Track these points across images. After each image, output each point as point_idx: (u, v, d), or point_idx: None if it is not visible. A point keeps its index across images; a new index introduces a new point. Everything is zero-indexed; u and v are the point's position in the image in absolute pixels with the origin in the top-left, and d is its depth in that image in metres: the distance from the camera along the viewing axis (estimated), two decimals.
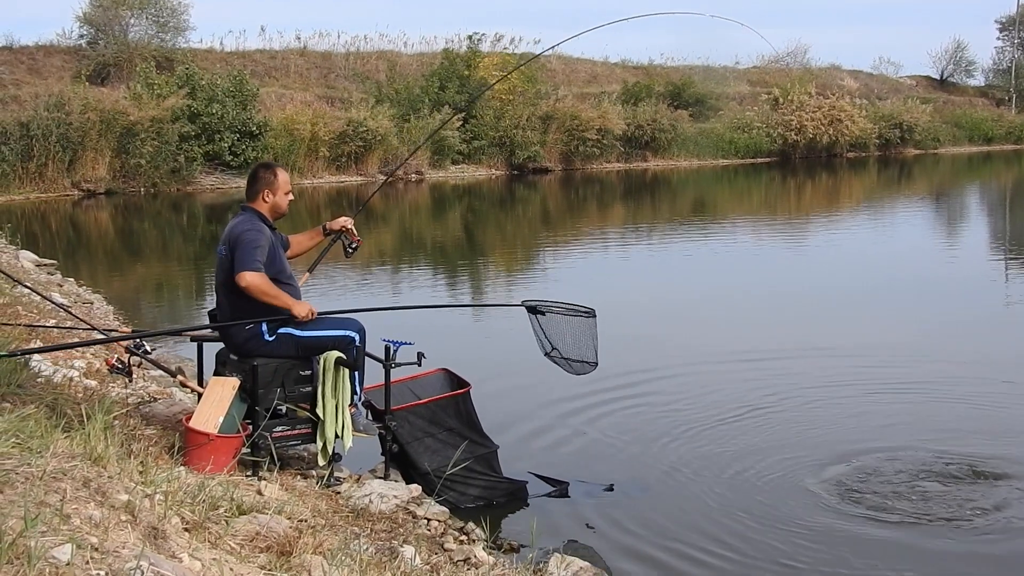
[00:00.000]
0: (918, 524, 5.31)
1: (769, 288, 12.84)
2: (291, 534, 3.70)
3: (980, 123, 46.05)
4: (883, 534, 5.24)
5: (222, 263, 5.20)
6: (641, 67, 43.57)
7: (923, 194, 28.86)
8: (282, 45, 35.94)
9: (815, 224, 21.41)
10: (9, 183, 23.41)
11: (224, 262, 5.17)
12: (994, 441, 6.57)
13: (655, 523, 5.43)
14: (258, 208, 5.28)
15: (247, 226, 5.16)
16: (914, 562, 4.95)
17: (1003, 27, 54.39)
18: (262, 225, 5.21)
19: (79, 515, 2.93)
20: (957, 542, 5.14)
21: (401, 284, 13.76)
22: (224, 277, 5.17)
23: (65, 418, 4.08)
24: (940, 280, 13.52)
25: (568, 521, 5.44)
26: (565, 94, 34.72)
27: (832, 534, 5.25)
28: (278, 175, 5.34)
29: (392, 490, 5.19)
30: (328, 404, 5.20)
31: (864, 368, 8.49)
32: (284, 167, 5.54)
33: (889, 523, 5.34)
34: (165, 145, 25.04)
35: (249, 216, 5.25)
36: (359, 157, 28.69)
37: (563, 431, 6.93)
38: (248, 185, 5.38)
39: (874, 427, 6.88)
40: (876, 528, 5.31)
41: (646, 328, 10.27)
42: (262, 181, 5.31)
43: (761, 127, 37.35)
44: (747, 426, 6.96)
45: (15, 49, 31.20)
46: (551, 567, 4.51)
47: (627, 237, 19.25)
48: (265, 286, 5.05)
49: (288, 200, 5.38)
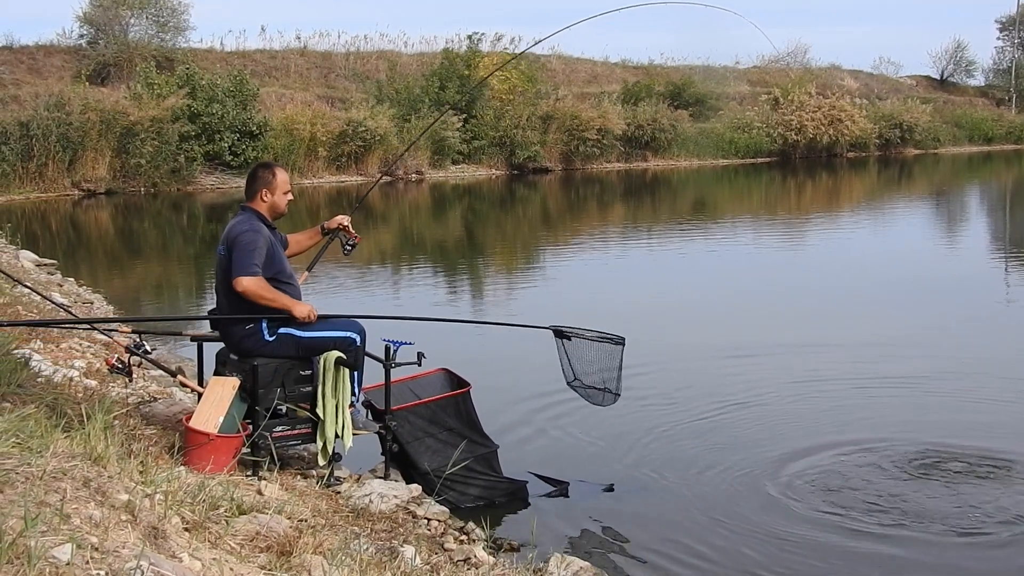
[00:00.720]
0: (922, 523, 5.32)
1: (766, 288, 12.84)
2: (291, 534, 3.70)
3: (980, 123, 46.04)
4: (887, 533, 5.24)
5: (221, 263, 5.20)
6: (641, 67, 43.57)
7: (923, 194, 28.87)
8: (282, 45, 36.00)
9: (814, 224, 21.40)
10: (9, 183, 23.41)
11: (223, 262, 5.17)
12: (979, 437, 6.59)
13: (655, 523, 5.43)
14: (256, 207, 5.28)
15: (244, 227, 5.15)
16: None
17: (1003, 27, 54.41)
18: (260, 225, 5.20)
19: (79, 515, 2.93)
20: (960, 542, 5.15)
21: (402, 285, 13.76)
22: (223, 277, 5.17)
23: (65, 418, 4.07)
24: (938, 280, 13.52)
25: (568, 521, 5.44)
26: (565, 94, 34.72)
27: (833, 532, 5.25)
28: (276, 174, 5.34)
29: (392, 490, 5.19)
30: (328, 404, 5.20)
31: (870, 364, 8.52)
32: (283, 167, 5.54)
33: (888, 524, 5.34)
34: (165, 145, 25.04)
35: (247, 216, 5.24)
36: (359, 157, 28.69)
37: (563, 431, 6.92)
38: (247, 184, 5.38)
39: (891, 422, 6.89)
40: (878, 527, 5.31)
41: (646, 327, 10.26)
42: (260, 180, 5.31)
43: (761, 127, 37.35)
44: (749, 426, 6.96)
45: (15, 49, 31.22)
46: (551, 567, 4.51)
47: (627, 237, 19.24)
48: (262, 290, 5.05)
49: (287, 200, 5.38)
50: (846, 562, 4.97)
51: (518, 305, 11.91)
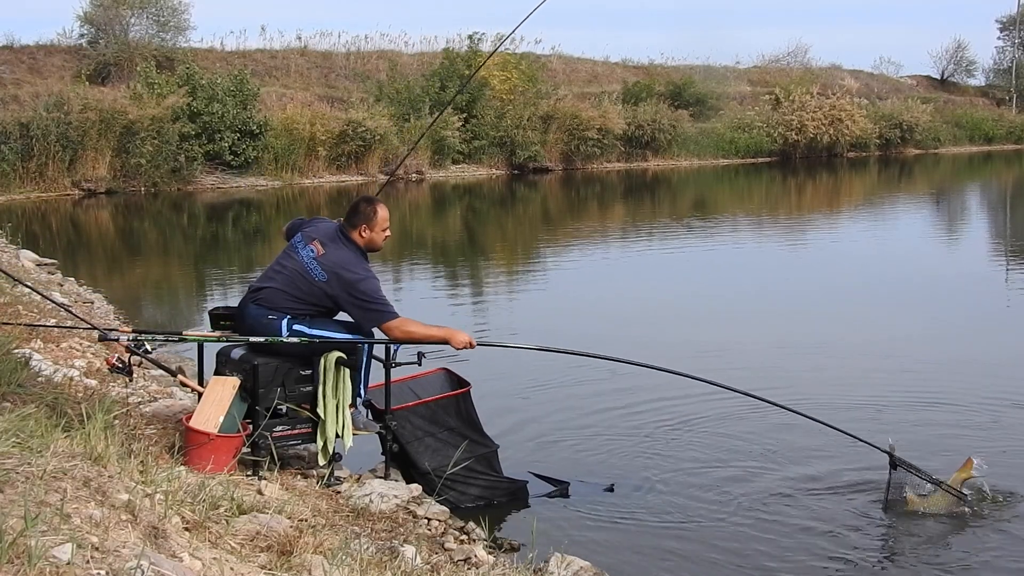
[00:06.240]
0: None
1: (767, 288, 12.84)
2: (291, 533, 3.70)
3: (981, 123, 46.00)
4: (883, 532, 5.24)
5: (311, 279, 5.18)
6: (641, 67, 43.54)
7: (923, 193, 28.86)
8: (283, 45, 35.93)
9: (813, 224, 21.40)
10: (9, 182, 23.39)
11: (318, 286, 5.16)
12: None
13: (655, 523, 5.43)
14: (355, 240, 5.31)
15: (362, 272, 5.19)
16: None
17: (1004, 27, 54.32)
18: (368, 266, 5.28)
19: (79, 514, 2.93)
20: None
21: (402, 284, 13.76)
22: (298, 284, 5.18)
23: (65, 417, 4.07)
24: (935, 278, 13.52)
25: (568, 521, 5.44)
26: (566, 94, 34.69)
27: (836, 532, 5.25)
28: (378, 212, 5.34)
29: (392, 490, 5.19)
30: (329, 404, 5.20)
31: (883, 367, 8.50)
32: (385, 204, 5.48)
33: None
34: (165, 144, 25.02)
35: (356, 257, 5.25)
36: (359, 157, 28.68)
37: (563, 431, 6.92)
38: (348, 215, 5.38)
39: (899, 424, 6.88)
40: (879, 527, 5.31)
41: (646, 327, 10.27)
42: (362, 216, 5.32)
43: (762, 127, 37.32)
44: (750, 425, 6.95)
45: (15, 48, 31.18)
46: (551, 567, 4.51)
47: (627, 236, 19.24)
48: (415, 329, 5.18)
49: (385, 237, 5.39)
50: (848, 561, 4.97)
51: (519, 305, 11.91)
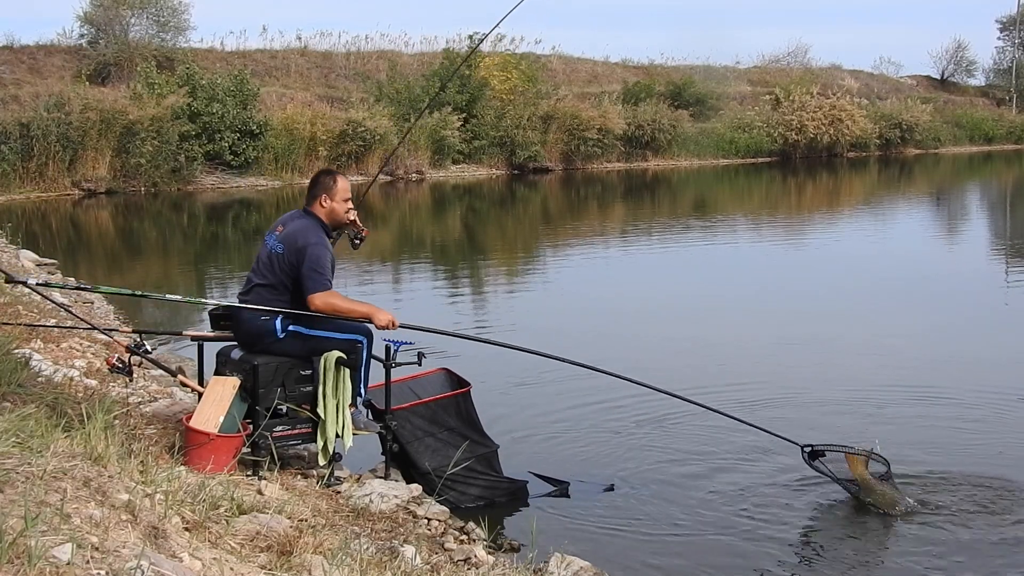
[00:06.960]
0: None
1: (767, 288, 12.84)
2: (291, 533, 3.70)
3: (981, 123, 46.02)
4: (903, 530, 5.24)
5: (273, 257, 5.18)
6: (641, 67, 43.55)
7: (923, 193, 28.85)
8: (283, 45, 35.94)
9: (813, 224, 21.40)
10: (9, 182, 23.40)
11: (277, 260, 5.15)
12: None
13: (655, 523, 5.43)
14: (316, 213, 5.31)
15: (313, 239, 5.15)
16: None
17: (1004, 27, 54.35)
18: (325, 238, 5.24)
19: (79, 514, 2.93)
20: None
21: (402, 285, 13.75)
22: (271, 269, 5.16)
23: (65, 417, 4.07)
24: (935, 278, 13.52)
25: (568, 521, 5.44)
26: (566, 94, 34.69)
27: (838, 532, 5.25)
28: (337, 181, 5.36)
29: (392, 490, 5.19)
30: (329, 404, 5.19)
31: (885, 367, 8.50)
32: (345, 176, 5.51)
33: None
34: (165, 144, 25.02)
35: (314, 225, 5.24)
36: (359, 157, 28.68)
37: (563, 431, 6.92)
38: (308, 189, 5.39)
39: (899, 425, 6.88)
40: (882, 528, 5.31)
41: (646, 327, 10.27)
42: (320, 186, 5.33)
43: (762, 127, 37.33)
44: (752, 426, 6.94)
45: (16, 48, 31.18)
46: (551, 567, 4.51)
47: (628, 236, 19.23)
48: (337, 301, 5.12)
49: (347, 208, 5.37)
50: (849, 562, 4.97)
51: (520, 304, 11.90)
